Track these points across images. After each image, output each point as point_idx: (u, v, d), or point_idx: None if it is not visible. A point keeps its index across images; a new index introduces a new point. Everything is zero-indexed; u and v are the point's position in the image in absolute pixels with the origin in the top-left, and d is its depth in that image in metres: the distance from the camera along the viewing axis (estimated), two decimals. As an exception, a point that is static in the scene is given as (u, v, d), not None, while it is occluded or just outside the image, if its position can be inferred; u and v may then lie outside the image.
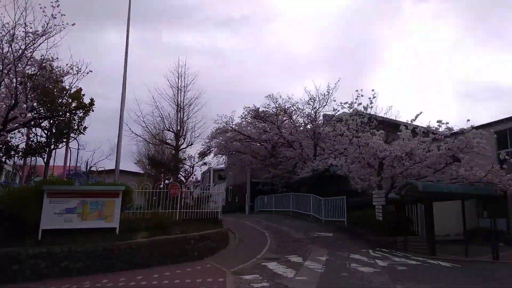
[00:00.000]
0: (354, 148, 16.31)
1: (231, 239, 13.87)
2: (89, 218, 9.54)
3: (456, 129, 14.68)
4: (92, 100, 12.02)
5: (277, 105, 24.68)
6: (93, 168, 13.08)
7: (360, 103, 18.07)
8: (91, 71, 11.81)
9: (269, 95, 24.78)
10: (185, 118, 16.31)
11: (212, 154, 25.02)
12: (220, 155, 28.28)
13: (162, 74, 17.45)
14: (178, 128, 16.13)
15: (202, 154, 15.88)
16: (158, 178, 14.79)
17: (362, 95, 18.01)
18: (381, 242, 13.12)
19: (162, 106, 16.45)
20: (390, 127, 20.90)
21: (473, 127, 14.29)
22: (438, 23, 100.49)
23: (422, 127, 15.57)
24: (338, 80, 23.64)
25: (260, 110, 25.40)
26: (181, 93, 16.50)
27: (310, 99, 23.56)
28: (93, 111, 12.04)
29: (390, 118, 22.40)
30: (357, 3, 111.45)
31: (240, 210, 28.79)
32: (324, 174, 21.26)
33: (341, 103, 18.77)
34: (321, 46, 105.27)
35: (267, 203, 25.97)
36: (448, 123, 14.72)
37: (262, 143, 26.55)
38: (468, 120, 14.20)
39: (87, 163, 12.26)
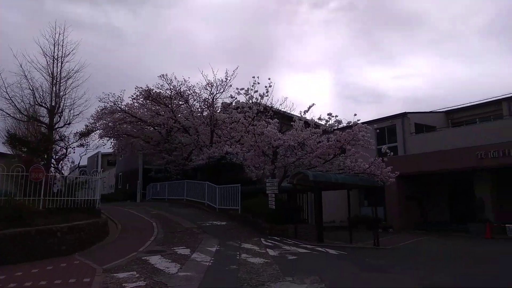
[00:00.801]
0: (250, 136, 16.18)
1: (112, 230, 12.37)
2: None
3: (344, 122, 15.42)
4: None
5: (171, 87, 23.04)
6: None
7: (257, 91, 18.44)
8: None
9: (163, 75, 22.77)
10: (61, 93, 13.77)
11: (93, 136, 22.24)
12: (107, 138, 25.53)
13: (35, 40, 14.42)
14: (53, 103, 13.60)
15: (81, 135, 13.65)
16: (31, 160, 12.30)
17: (258, 83, 18.48)
18: (273, 230, 13.11)
19: (33, 76, 13.53)
20: (285, 118, 21.44)
21: (359, 121, 15.16)
22: (329, 29, 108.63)
23: (313, 120, 16.09)
24: (237, 68, 23.50)
25: (153, 91, 23.51)
26: (57, 63, 13.85)
27: (208, 84, 22.62)
28: None
29: (285, 110, 23.01)
30: (258, 2, 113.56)
31: (131, 198, 26.78)
32: (220, 162, 20.75)
33: (237, 88, 18.61)
34: (223, 38, 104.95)
35: (160, 190, 24.48)
36: (337, 116, 15.44)
37: (156, 127, 24.74)
38: (355, 115, 14.96)
39: None
